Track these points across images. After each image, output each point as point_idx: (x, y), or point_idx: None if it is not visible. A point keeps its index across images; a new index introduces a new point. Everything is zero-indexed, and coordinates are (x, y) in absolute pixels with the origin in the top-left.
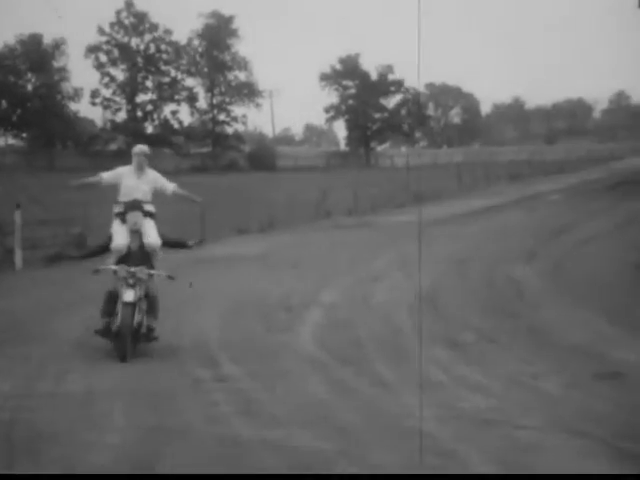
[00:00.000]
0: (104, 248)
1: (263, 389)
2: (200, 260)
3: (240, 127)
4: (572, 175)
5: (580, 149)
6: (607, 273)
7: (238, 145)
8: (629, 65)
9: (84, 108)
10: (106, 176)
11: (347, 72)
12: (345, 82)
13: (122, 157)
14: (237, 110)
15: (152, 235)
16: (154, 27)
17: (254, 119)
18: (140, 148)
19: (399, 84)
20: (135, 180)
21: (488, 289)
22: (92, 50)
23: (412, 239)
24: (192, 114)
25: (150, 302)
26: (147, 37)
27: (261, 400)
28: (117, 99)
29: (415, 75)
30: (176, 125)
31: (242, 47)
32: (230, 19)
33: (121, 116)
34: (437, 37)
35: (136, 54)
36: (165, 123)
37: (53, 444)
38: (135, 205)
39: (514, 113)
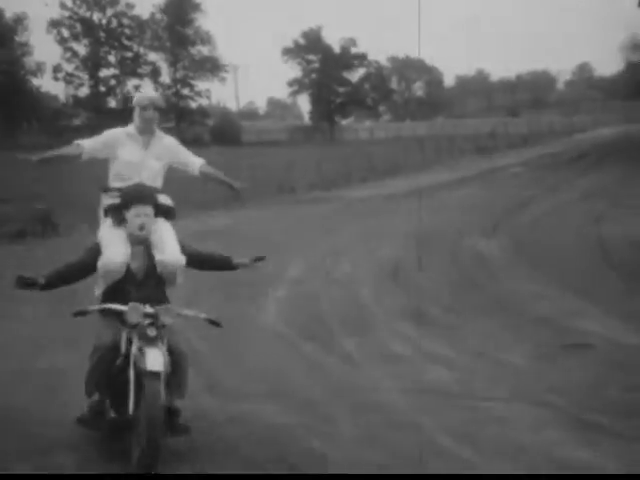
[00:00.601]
0: (85, 268)
1: (227, 364)
2: None
3: (204, 101)
4: (535, 147)
5: (543, 121)
6: (570, 246)
7: (202, 120)
8: (593, 37)
9: (46, 83)
10: (89, 146)
11: (310, 46)
12: (308, 56)
13: (83, 133)
14: (200, 85)
15: (170, 248)
16: (115, 1)
17: (218, 93)
18: (148, 96)
19: (362, 57)
20: (139, 151)
21: (452, 262)
22: (54, 25)
23: (376, 213)
24: (155, 89)
25: (174, 365)
26: (109, 11)
27: (225, 374)
28: (80, 74)
29: (377, 49)
30: None
31: (205, 21)
32: None
33: (84, 91)
34: (400, 10)
35: (98, 29)
36: (128, 98)
37: None
38: (142, 194)
39: (477, 85)
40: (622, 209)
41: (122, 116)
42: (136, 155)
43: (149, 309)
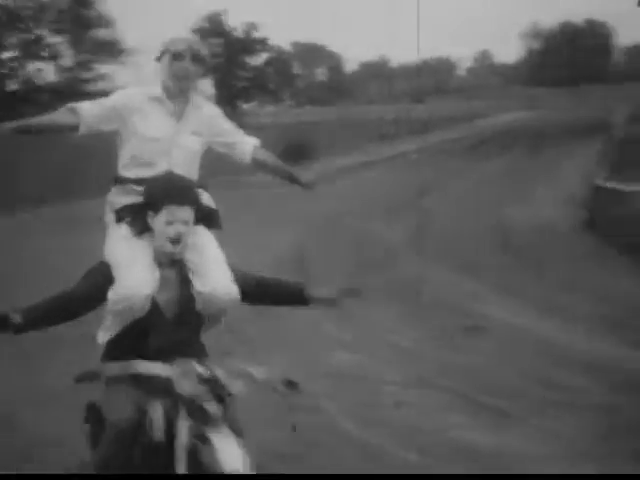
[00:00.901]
0: (85, 302)
1: None
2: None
3: (106, 85)
4: (436, 133)
5: (445, 107)
6: (470, 231)
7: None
8: (493, 25)
9: None
10: (90, 113)
11: (212, 30)
12: (211, 40)
13: None
14: (103, 68)
15: (218, 273)
16: None
17: (121, 77)
18: (183, 39)
19: (264, 42)
20: (168, 123)
21: (354, 247)
22: None
23: (272, 199)
24: (57, 72)
25: None
26: None
27: None
28: None
29: (278, 34)
30: (40, 82)
31: (107, 4)
32: None
33: None
34: None
35: None
36: (29, 81)
37: None
38: (178, 189)
39: (379, 71)
40: (521, 195)
41: (21, 99)
42: (164, 129)
43: (206, 372)
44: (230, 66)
